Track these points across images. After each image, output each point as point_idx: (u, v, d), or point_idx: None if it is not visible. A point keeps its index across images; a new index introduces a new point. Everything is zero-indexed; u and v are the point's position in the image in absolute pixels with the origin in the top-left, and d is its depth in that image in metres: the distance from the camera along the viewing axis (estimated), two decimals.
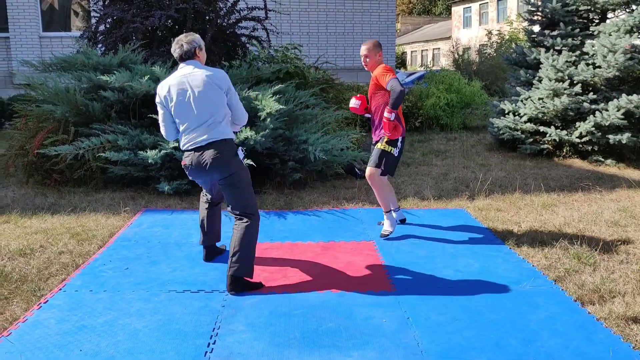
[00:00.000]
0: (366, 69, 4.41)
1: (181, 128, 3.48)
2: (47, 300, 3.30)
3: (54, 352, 2.72)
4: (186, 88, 3.40)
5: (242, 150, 3.63)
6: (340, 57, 15.13)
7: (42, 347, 2.76)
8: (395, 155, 4.43)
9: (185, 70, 3.45)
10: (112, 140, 5.79)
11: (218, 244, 4.16)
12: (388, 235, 4.51)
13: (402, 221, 4.87)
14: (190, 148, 3.48)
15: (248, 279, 3.47)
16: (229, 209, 3.56)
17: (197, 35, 3.54)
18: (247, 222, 3.50)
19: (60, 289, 3.46)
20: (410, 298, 3.36)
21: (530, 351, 2.75)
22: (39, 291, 3.43)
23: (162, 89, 3.48)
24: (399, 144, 4.42)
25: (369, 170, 4.44)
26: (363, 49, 4.36)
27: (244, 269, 3.44)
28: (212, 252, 4.03)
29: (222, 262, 3.95)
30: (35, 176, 6.28)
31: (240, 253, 3.43)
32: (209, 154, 3.43)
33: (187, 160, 3.52)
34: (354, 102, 4.53)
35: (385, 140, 4.36)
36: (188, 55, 3.46)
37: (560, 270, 3.79)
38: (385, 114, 4.20)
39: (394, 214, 4.63)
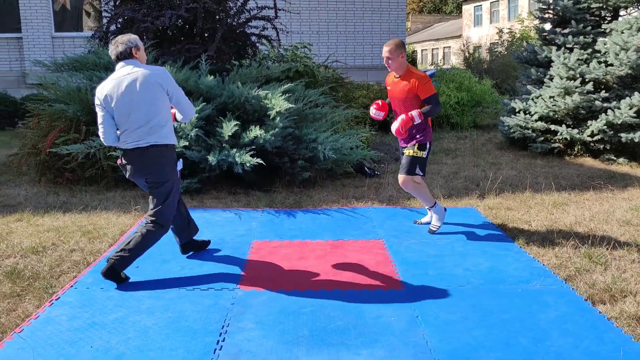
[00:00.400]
0: (389, 70, 4.31)
1: (122, 127, 3.44)
2: (59, 297, 3.33)
3: (65, 348, 2.75)
4: (126, 88, 3.38)
5: (181, 163, 3.68)
6: (350, 55, 15.12)
7: (54, 344, 2.79)
8: (425, 157, 4.43)
9: (124, 71, 3.44)
10: None
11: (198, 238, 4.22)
12: (436, 230, 4.58)
13: (417, 222, 4.89)
14: (129, 147, 3.46)
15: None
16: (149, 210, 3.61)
17: (135, 36, 3.54)
18: (152, 228, 3.56)
19: (72, 286, 3.49)
20: (420, 297, 3.36)
21: (540, 350, 2.74)
22: (51, 288, 3.47)
23: (101, 91, 3.45)
24: (427, 145, 4.41)
25: (401, 178, 4.43)
26: (385, 51, 4.18)
27: (123, 265, 3.53)
28: (193, 247, 4.11)
29: (232, 261, 3.97)
30: (47, 175, 6.34)
31: (130, 251, 3.51)
32: (148, 157, 3.45)
33: (124, 159, 3.52)
34: (374, 113, 4.46)
35: (417, 146, 4.35)
36: (124, 55, 3.46)
37: (570, 269, 3.77)
38: (415, 115, 4.15)
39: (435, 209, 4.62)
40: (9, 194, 5.85)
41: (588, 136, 7.68)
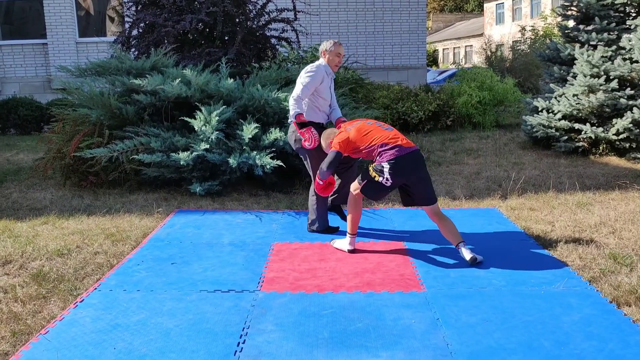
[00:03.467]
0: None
1: None
2: (83, 300, 3.39)
3: (88, 349, 2.80)
4: None
5: None
6: (370, 56, 15.08)
7: (78, 345, 2.84)
8: (380, 182, 3.88)
9: None
10: (145, 143, 5.91)
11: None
12: (338, 248, 4.23)
13: None
14: None
15: None
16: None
17: None
18: None
19: (96, 289, 3.55)
20: (440, 299, 3.34)
21: (563, 354, 2.70)
22: (75, 290, 3.53)
23: None
24: (384, 168, 3.84)
25: (354, 186, 4.12)
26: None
27: None
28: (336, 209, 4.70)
29: (252, 262, 3.99)
30: (72, 178, 6.45)
31: None
32: None
33: None
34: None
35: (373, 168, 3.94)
36: None
37: (595, 271, 3.70)
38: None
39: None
40: (35, 198, 5.97)
41: (613, 135, 7.53)
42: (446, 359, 2.68)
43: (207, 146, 5.67)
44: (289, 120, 4.48)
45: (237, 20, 7.77)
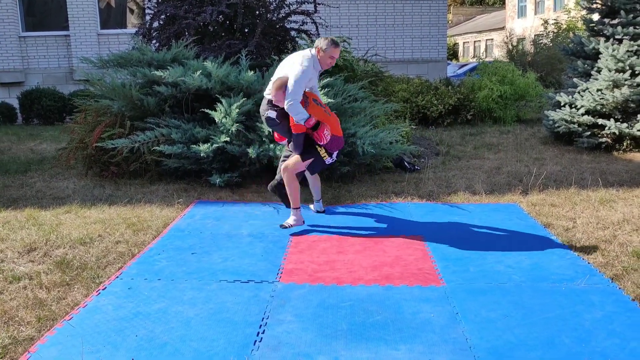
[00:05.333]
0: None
1: None
2: (105, 287, 3.44)
3: (111, 336, 2.84)
4: None
5: None
6: (390, 49, 14.99)
7: (101, 332, 2.89)
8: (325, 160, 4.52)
9: None
10: (165, 134, 5.95)
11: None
12: (288, 227, 4.53)
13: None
14: None
15: None
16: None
17: None
18: None
19: (117, 277, 3.60)
20: (460, 293, 3.32)
21: (585, 351, 2.67)
22: (98, 278, 3.59)
23: None
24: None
25: (293, 159, 4.48)
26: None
27: None
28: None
29: (271, 254, 4.01)
30: (94, 168, 6.54)
31: None
32: None
33: None
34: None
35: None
36: None
37: (618, 268, 3.65)
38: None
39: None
40: (58, 187, 6.07)
41: (638, 130, 7.40)
42: (465, 353, 2.67)
43: (227, 138, 5.69)
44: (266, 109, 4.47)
45: (257, 12, 7.77)
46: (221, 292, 3.36)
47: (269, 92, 4.41)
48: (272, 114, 4.41)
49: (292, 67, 4.30)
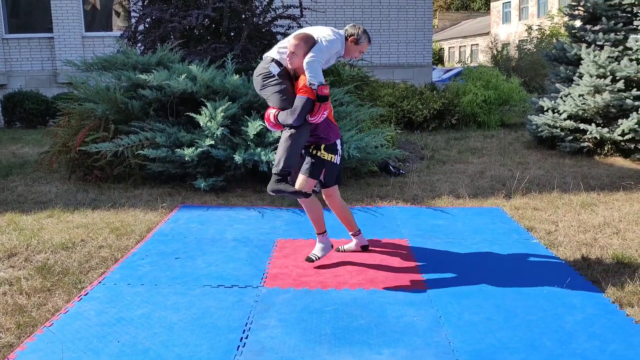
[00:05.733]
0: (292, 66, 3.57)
1: None
2: (87, 293, 3.41)
3: (93, 342, 2.82)
4: None
5: None
6: (376, 54, 15.05)
7: (82, 338, 2.86)
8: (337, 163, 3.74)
9: None
10: (150, 138, 5.92)
11: None
12: (315, 260, 3.89)
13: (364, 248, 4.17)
14: None
15: None
16: None
17: None
18: None
19: (100, 282, 3.57)
20: (443, 297, 3.34)
21: (565, 353, 2.70)
22: (80, 284, 3.55)
23: None
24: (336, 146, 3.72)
25: (301, 178, 3.69)
26: (292, 45, 3.50)
27: None
28: None
29: (256, 258, 4.00)
30: (77, 172, 6.48)
31: None
32: None
33: None
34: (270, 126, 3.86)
35: (324, 147, 3.69)
36: None
37: (598, 271, 3.70)
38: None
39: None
40: (40, 191, 6.00)
41: (619, 135, 7.51)
42: (448, 356, 2.69)
43: (212, 142, 5.68)
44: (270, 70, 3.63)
45: (243, 16, 7.77)
46: (205, 297, 3.35)
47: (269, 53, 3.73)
48: (275, 68, 3.61)
49: (322, 32, 3.61)
